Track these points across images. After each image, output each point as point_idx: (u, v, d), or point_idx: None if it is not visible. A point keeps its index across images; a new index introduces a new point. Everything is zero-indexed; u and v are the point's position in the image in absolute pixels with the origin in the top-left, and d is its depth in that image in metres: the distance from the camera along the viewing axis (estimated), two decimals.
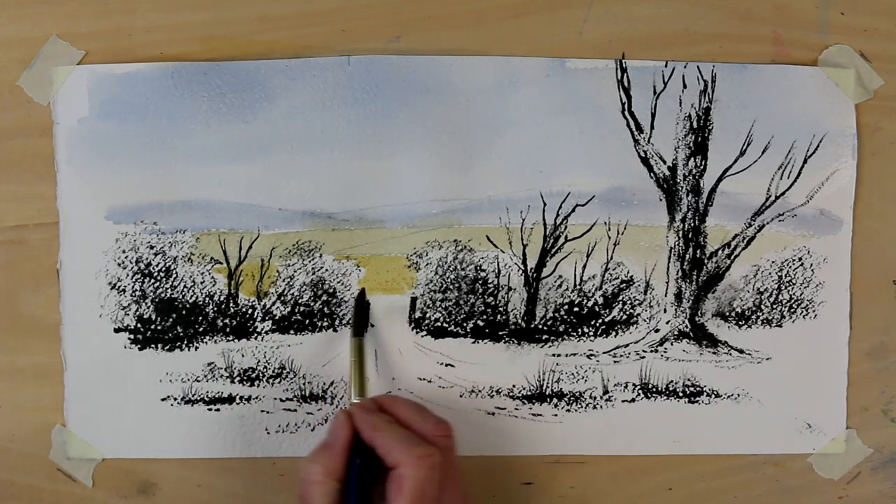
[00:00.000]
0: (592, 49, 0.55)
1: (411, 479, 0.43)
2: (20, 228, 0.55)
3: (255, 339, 0.55)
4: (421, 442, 0.45)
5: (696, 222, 0.56)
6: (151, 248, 0.54)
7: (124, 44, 0.54)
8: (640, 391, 0.56)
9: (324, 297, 0.55)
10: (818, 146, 0.55)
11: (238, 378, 0.55)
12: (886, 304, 0.57)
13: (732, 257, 0.56)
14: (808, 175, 0.56)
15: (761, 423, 0.56)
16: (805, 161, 0.56)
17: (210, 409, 0.55)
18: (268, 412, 0.55)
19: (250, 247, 0.55)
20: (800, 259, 0.56)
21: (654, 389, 0.56)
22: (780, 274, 0.56)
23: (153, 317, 0.55)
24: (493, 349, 0.56)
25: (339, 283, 0.55)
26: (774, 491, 0.57)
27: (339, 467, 0.45)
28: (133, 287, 0.55)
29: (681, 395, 0.56)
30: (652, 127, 0.55)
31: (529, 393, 0.56)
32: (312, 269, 0.55)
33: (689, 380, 0.56)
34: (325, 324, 0.55)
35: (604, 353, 0.56)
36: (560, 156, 0.55)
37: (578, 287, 0.56)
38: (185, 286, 0.55)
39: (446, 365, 0.55)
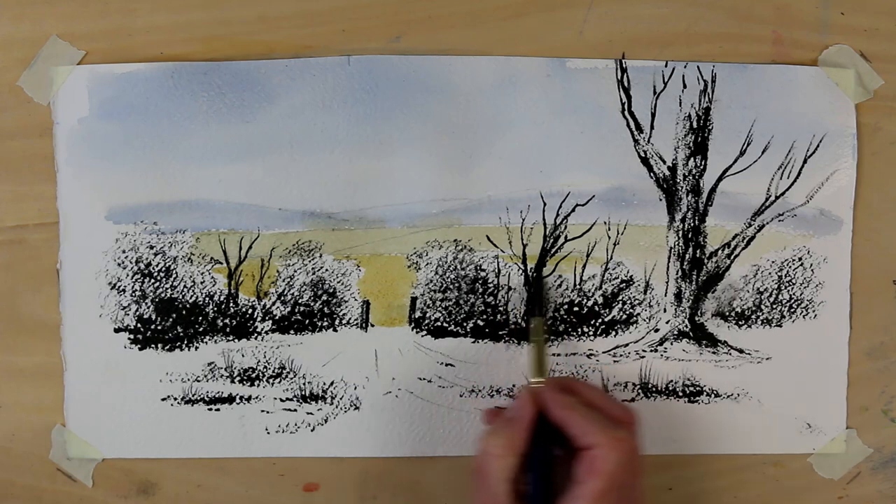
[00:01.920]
0: (592, 49, 0.55)
1: (607, 461, 0.42)
2: (20, 228, 0.55)
3: (255, 339, 0.55)
4: (617, 425, 0.44)
5: (696, 222, 0.56)
6: (151, 248, 0.54)
7: (124, 44, 0.54)
8: (640, 391, 0.56)
9: (324, 297, 0.55)
10: (818, 146, 0.55)
11: (238, 378, 0.55)
12: (886, 304, 0.57)
13: (732, 257, 0.56)
14: (808, 175, 0.56)
15: (761, 423, 0.56)
16: (805, 161, 0.56)
17: (210, 409, 0.55)
18: (268, 412, 0.55)
19: (250, 247, 0.55)
20: (800, 259, 0.56)
21: (654, 389, 0.56)
22: (780, 274, 0.56)
23: (153, 317, 0.55)
24: (493, 349, 0.56)
25: (339, 283, 0.55)
26: (774, 491, 0.57)
27: (521, 443, 0.45)
28: (133, 287, 0.55)
29: (681, 394, 0.56)
30: (652, 127, 0.55)
31: None
32: (312, 269, 0.55)
33: (688, 379, 0.56)
34: (325, 324, 0.55)
35: (603, 352, 0.56)
36: (560, 156, 0.55)
37: (578, 287, 0.56)
38: (185, 286, 0.55)
39: (446, 365, 0.55)
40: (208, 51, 0.54)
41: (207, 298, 0.55)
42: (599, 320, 0.56)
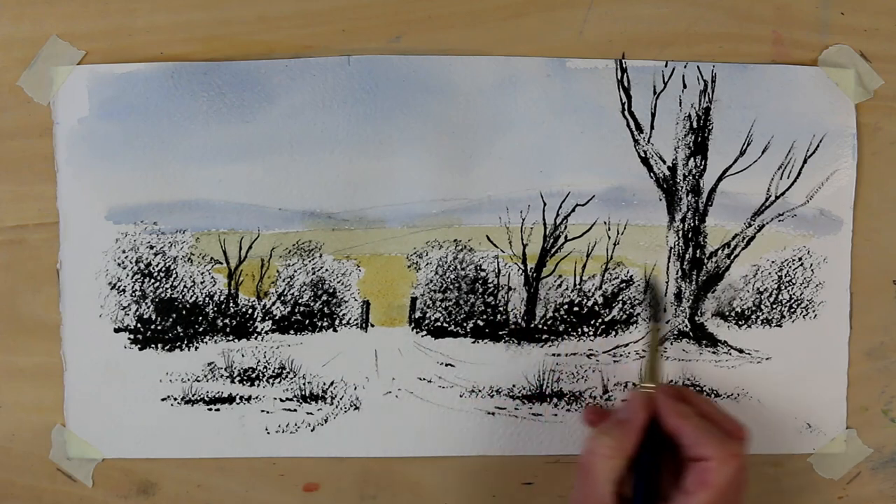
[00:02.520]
0: (592, 49, 0.55)
1: (719, 474, 0.42)
2: (20, 228, 0.55)
3: (255, 339, 0.55)
4: (732, 440, 0.44)
5: (696, 222, 0.56)
6: (151, 248, 0.54)
7: (124, 44, 0.54)
8: None
9: (324, 297, 0.55)
10: (818, 146, 0.55)
11: (238, 378, 0.55)
12: (886, 304, 0.57)
13: (732, 257, 0.56)
14: (808, 175, 0.56)
15: (761, 423, 0.56)
16: (805, 161, 0.56)
17: (210, 409, 0.55)
18: (268, 412, 0.55)
19: (250, 247, 0.55)
20: (800, 259, 0.56)
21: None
22: (779, 274, 0.56)
23: (153, 317, 0.55)
24: (493, 349, 0.56)
25: (339, 283, 0.55)
26: (774, 491, 0.57)
27: (630, 446, 0.45)
28: (133, 287, 0.55)
29: None
30: (652, 127, 0.55)
31: (529, 393, 0.56)
32: (312, 269, 0.55)
33: (688, 379, 0.56)
34: (325, 324, 0.55)
35: (604, 352, 0.56)
36: (560, 156, 0.55)
37: (578, 287, 0.56)
38: (185, 286, 0.55)
39: (446, 365, 0.55)
40: (208, 51, 0.54)
41: (207, 298, 0.55)
42: (599, 320, 0.56)
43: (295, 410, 0.55)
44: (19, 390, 0.55)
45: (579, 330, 0.56)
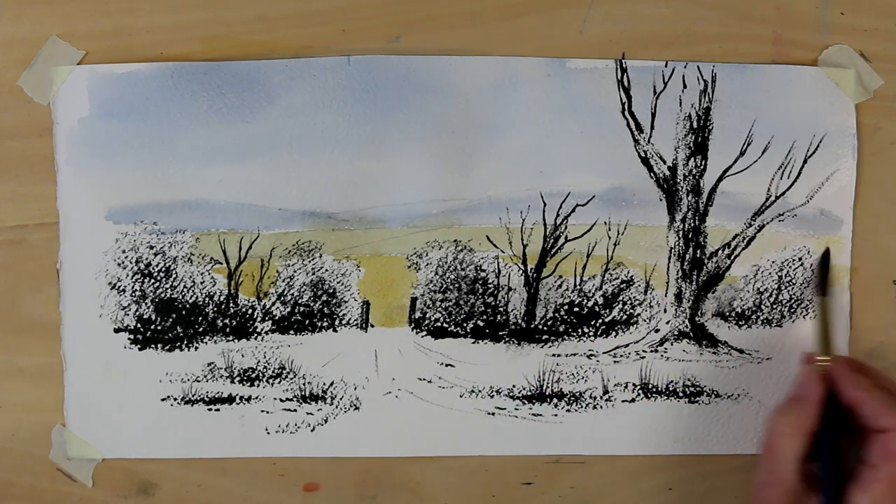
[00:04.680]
0: (592, 49, 0.55)
1: None
2: (20, 228, 0.55)
3: (255, 339, 0.55)
4: None
5: (696, 222, 0.56)
6: (151, 248, 0.55)
7: (124, 44, 0.54)
8: (640, 391, 0.56)
9: (324, 297, 0.55)
10: (818, 146, 0.55)
11: (238, 378, 0.55)
12: (886, 305, 0.56)
13: (732, 257, 0.56)
14: (808, 175, 0.56)
15: (761, 423, 0.56)
16: (805, 161, 0.56)
17: (210, 409, 0.55)
18: (268, 412, 0.55)
19: (250, 247, 0.55)
20: (800, 259, 0.56)
21: (654, 389, 0.56)
22: (780, 274, 0.56)
23: (153, 317, 0.55)
24: (493, 349, 0.56)
25: (339, 283, 0.55)
26: None
27: (811, 422, 0.45)
28: (133, 287, 0.55)
29: (681, 395, 0.56)
30: (652, 127, 0.55)
31: (529, 393, 0.56)
32: (312, 269, 0.55)
33: (689, 380, 0.56)
34: (325, 324, 0.55)
35: (604, 353, 0.56)
36: (560, 156, 0.55)
37: (578, 287, 0.56)
38: (184, 286, 0.55)
39: (446, 365, 0.55)
40: (208, 51, 0.54)
41: (207, 298, 0.55)
42: (600, 321, 0.56)
43: (295, 410, 0.55)
44: (19, 390, 0.55)
45: (579, 330, 0.56)
